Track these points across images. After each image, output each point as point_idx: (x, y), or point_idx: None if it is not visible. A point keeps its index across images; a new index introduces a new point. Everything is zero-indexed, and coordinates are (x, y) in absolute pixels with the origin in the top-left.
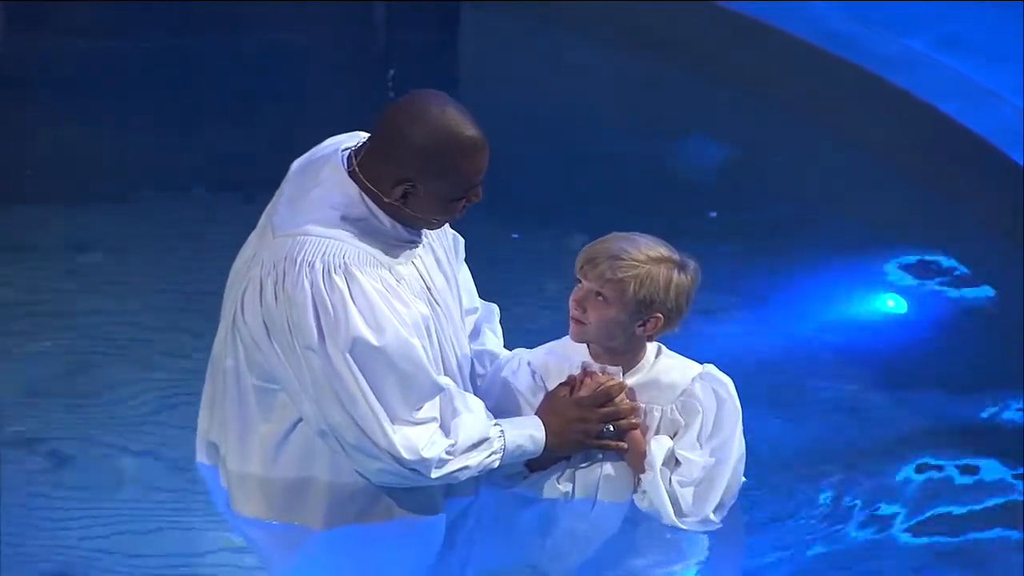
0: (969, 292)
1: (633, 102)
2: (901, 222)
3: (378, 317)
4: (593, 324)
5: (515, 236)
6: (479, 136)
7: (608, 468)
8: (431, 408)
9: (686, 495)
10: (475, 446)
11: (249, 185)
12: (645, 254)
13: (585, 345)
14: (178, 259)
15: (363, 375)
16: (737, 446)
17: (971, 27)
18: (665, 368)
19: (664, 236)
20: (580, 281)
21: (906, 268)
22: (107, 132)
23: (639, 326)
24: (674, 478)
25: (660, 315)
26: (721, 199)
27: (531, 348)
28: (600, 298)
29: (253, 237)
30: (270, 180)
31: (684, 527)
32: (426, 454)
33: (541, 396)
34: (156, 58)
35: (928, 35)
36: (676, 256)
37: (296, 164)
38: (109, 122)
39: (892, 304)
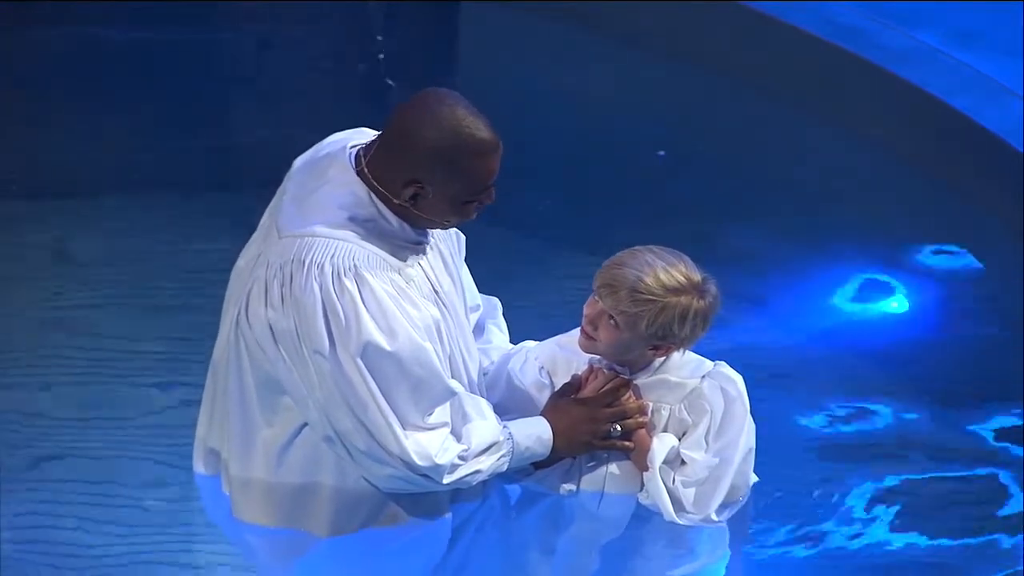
0: (980, 290)
1: (636, 97)
2: (911, 219)
3: (390, 321)
4: (603, 343)
5: (513, 233)
6: (492, 138)
7: (613, 467)
8: (443, 413)
9: (688, 494)
10: (486, 450)
11: (250, 184)
12: (663, 285)
13: None
14: (176, 259)
15: (374, 380)
16: (743, 445)
17: (984, 21)
18: (674, 366)
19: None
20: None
21: (915, 265)
22: (99, 128)
23: (650, 349)
24: (678, 477)
25: (672, 345)
26: (726, 194)
27: (535, 339)
28: (612, 322)
29: (256, 237)
30: (271, 179)
31: (684, 523)
32: (439, 460)
33: (547, 393)
34: (153, 54)
35: (940, 29)
36: (697, 277)
37: (298, 162)
38: (101, 118)
39: (896, 305)
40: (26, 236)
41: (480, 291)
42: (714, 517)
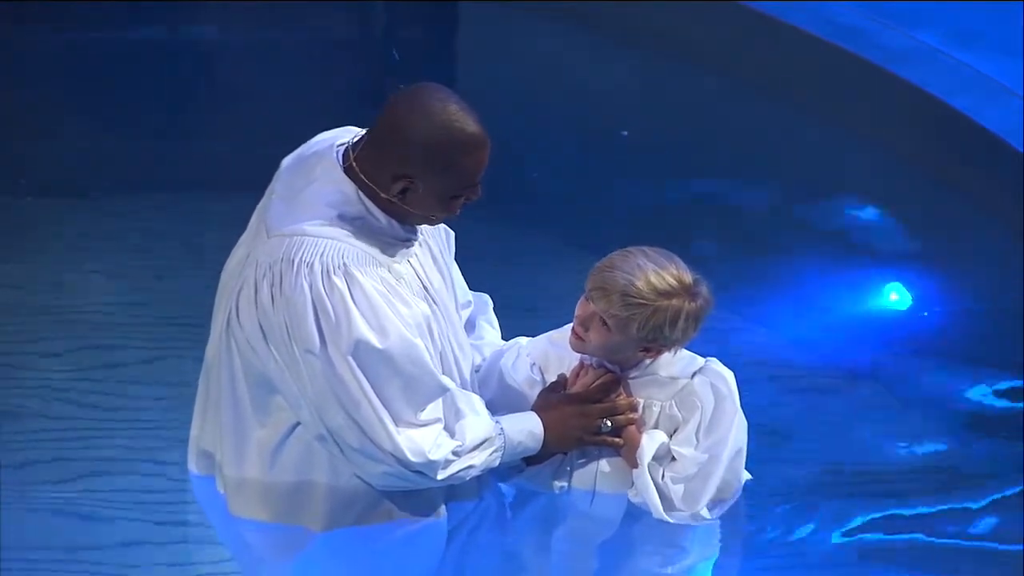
0: (978, 289)
1: (635, 98)
2: (911, 218)
3: (380, 319)
4: (593, 344)
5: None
6: (480, 133)
7: (604, 465)
8: (435, 409)
9: (677, 491)
10: (479, 446)
11: (244, 183)
12: (655, 288)
13: None
14: (170, 259)
15: (366, 378)
16: (733, 442)
17: (984, 21)
18: (666, 363)
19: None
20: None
21: (914, 265)
22: (98, 128)
23: (641, 351)
24: (667, 473)
25: (664, 346)
26: (726, 193)
27: (526, 335)
28: (604, 324)
29: (245, 237)
30: (265, 178)
31: (673, 521)
32: (433, 456)
33: (538, 389)
34: (151, 54)
35: (940, 29)
36: (688, 279)
37: (286, 161)
38: (99, 118)
39: (894, 304)
40: (26, 234)
41: (471, 288)
42: (704, 514)
